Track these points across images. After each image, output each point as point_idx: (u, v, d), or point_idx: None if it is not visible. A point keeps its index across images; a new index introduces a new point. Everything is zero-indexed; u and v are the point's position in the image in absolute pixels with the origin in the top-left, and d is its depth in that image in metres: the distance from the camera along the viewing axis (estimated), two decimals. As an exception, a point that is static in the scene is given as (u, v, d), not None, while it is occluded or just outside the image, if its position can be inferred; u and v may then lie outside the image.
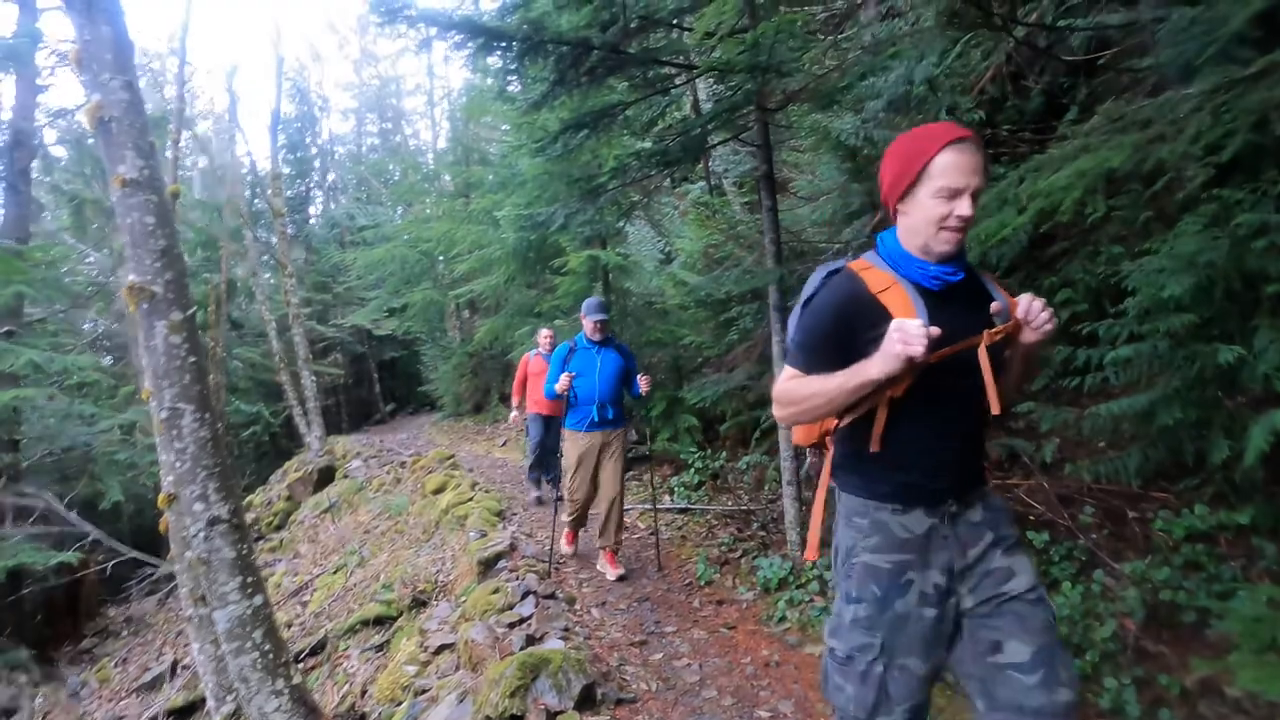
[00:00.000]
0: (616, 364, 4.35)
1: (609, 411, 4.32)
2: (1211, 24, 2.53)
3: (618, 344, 4.47)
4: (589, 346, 4.33)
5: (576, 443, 4.35)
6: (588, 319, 4.30)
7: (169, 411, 2.72)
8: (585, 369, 4.30)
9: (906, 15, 5.32)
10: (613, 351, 4.38)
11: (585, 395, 4.29)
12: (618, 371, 4.35)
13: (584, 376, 4.29)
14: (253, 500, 11.89)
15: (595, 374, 4.29)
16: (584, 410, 4.31)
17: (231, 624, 2.83)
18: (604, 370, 4.31)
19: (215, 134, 21.17)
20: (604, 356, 4.33)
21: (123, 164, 2.63)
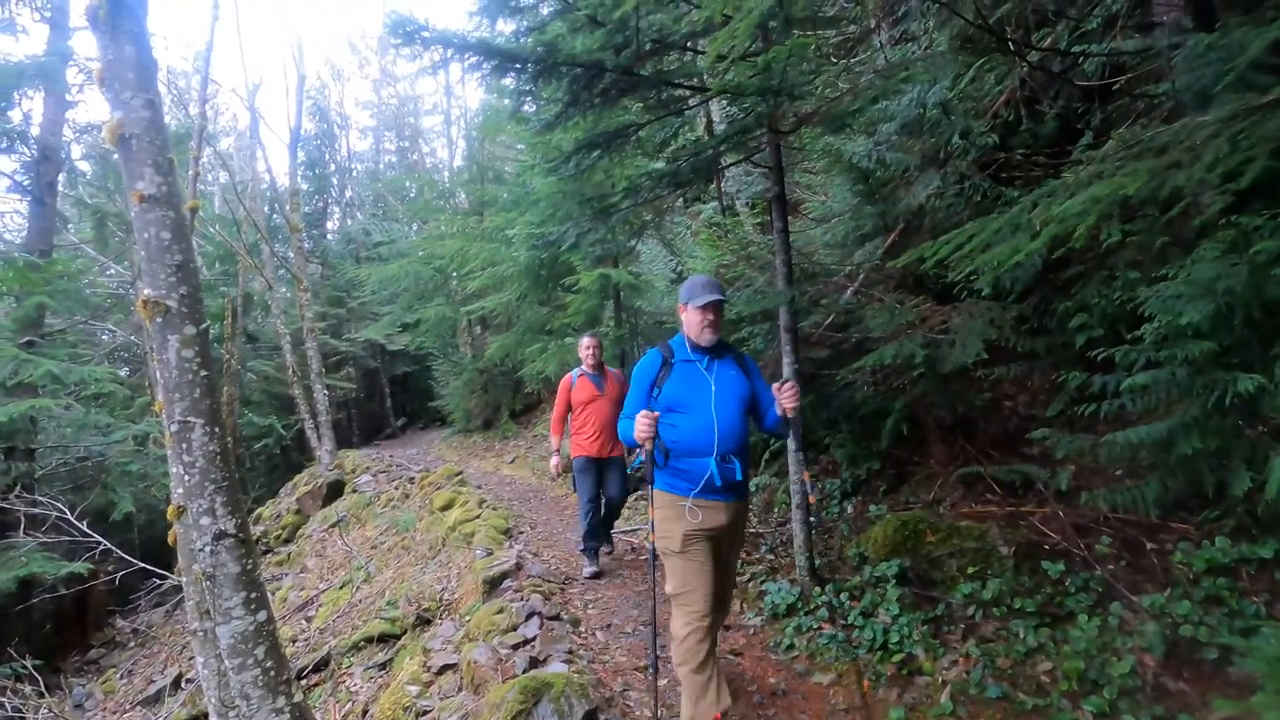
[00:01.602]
0: (739, 386, 2.65)
1: (734, 468, 2.55)
2: (1228, 51, 2.52)
3: (737, 352, 2.82)
4: (694, 357, 2.68)
5: (680, 519, 2.56)
6: (694, 307, 2.61)
7: (179, 425, 2.72)
8: (690, 395, 2.61)
9: (920, 39, 5.35)
10: (731, 364, 2.70)
11: (693, 440, 2.54)
12: (743, 397, 2.64)
13: (687, 409, 2.59)
14: (262, 513, 11.93)
15: (709, 403, 2.57)
16: (691, 467, 2.56)
17: (234, 639, 2.81)
18: (723, 396, 2.60)
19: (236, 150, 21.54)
20: (720, 373, 2.65)
21: (141, 180, 2.66)
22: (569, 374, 4.97)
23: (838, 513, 4.64)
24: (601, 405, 4.80)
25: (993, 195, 4.25)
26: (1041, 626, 2.91)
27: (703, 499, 2.57)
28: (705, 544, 2.58)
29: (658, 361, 2.74)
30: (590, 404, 4.81)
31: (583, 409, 4.83)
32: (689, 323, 2.68)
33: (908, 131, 4.75)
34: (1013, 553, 3.28)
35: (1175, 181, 1.61)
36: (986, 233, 2.21)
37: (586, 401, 4.81)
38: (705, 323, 2.63)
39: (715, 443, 2.55)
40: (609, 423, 4.71)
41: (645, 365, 2.75)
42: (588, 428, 4.79)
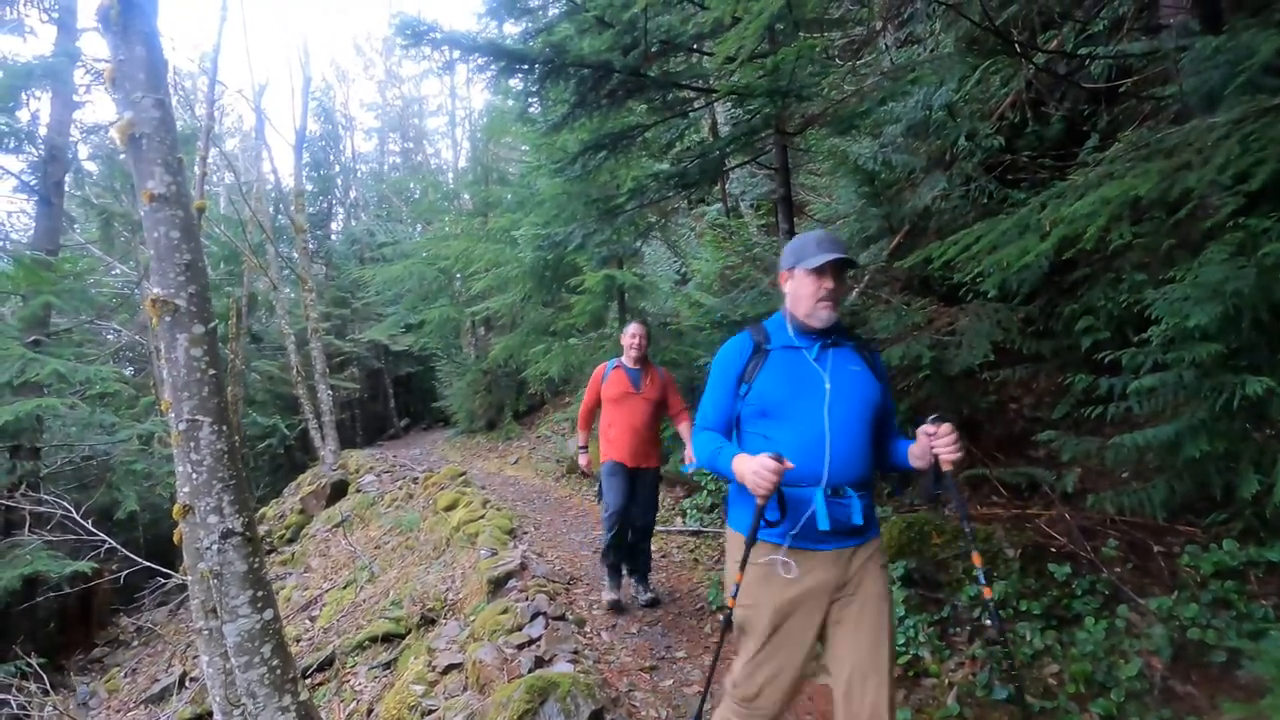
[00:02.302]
0: (866, 387, 1.92)
1: (850, 507, 1.83)
2: (1236, 53, 2.52)
3: (863, 341, 2.05)
4: (799, 342, 1.95)
5: (767, 581, 1.86)
6: (805, 271, 1.89)
7: (187, 423, 2.74)
8: (792, 396, 1.88)
9: (925, 42, 5.35)
10: (854, 356, 1.96)
11: (797, 460, 1.78)
12: (870, 403, 1.91)
13: (787, 416, 1.87)
14: (266, 513, 11.95)
15: (821, 407, 1.86)
16: (791, 501, 1.81)
17: (241, 638, 2.82)
18: (841, 398, 1.88)
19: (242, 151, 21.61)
20: (837, 366, 1.92)
21: (151, 179, 2.67)
22: (603, 364, 4.26)
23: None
24: (635, 407, 4.06)
25: (999, 197, 4.24)
26: (1049, 629, 2.90)
27: (802, 548, 1.80)
28: (808, 617, 1.81)
29: (747, 347, 1.97)
30: (621, 402, 4.08)
31: (613, 407, 4.12)
32: (797, 295, 1.92)
33: (913, 133, 4.76)
34: (1019, 555, 3.28)
35: (1186, 183, 1.61)
36: (994, 234, 2.21)
37: (618, 399, 4.09)
38: (822, 294, 1.84)
39: (826, 467, 1.77)
40: (643, 428, 4.07)
41: (729, 353, 2.01)
42: (615, 428, 4.10)
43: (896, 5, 5.27)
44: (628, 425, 4.07)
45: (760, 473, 1.68)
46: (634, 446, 4.06)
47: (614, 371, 4.18)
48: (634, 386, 4.11)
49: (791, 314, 1.97)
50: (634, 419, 4.07)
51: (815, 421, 1.82)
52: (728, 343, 2.06)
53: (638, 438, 4.07)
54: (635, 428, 4.07)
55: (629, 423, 4.07)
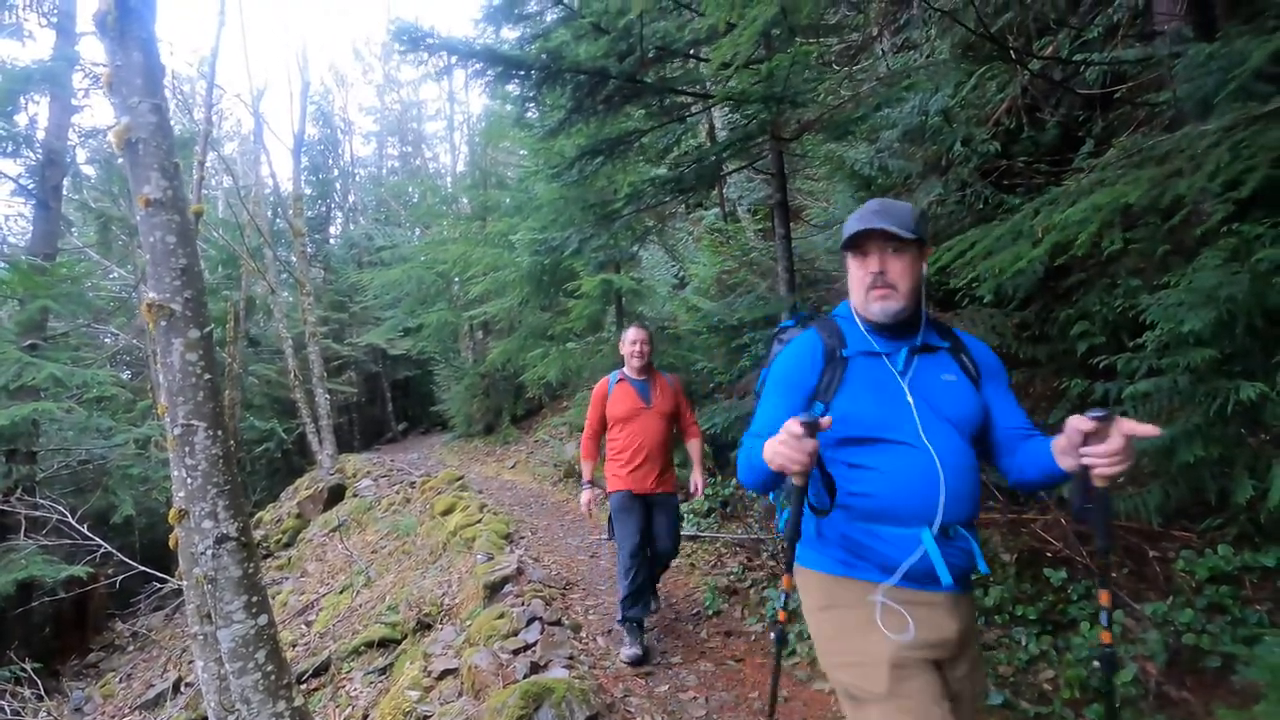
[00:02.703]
0: (961, 398, 1.56)
1: (969, 548, 1.51)
2: (1229, 60, 2.54)
3: (957, 336, 1.69)
4: (881, 346, 1.59)
5: (869, 629, 1.47)
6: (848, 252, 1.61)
7: (182, 428, 2.73)
8: (885, 415, 1.52)
9: (921, 48, 5.37)
10: (945, 360, 1.61)
11: (895, 496, 1.49)
12: (968, 418, 1.56)
13: (884, 440, 1.51)
14: (262, 517, 11.92)
15: (914, 428, 1.51)
16: (883, 541, 1.50)
17: (235, 643, 2.81)
18: (931, 416, 1.53)
19: (241, 155, 21.63)
20: (922, 374, 1.57)
21: (148, 184, 2.68)
22: (605, 379, 3.79)
23: (839, 519, 4.64)
24: (648, 423, 3.64)
25: (994, 202, 4.26)
26: (1044, 634, 2.90)
27: (910, 590, 1.45)
28: (930, 675, 1.43)
29: (817, 353, 1.56)
30: (632, 420, 3.64)
31: (621, 426, 3.65)
32: (850, 284, 1.59)
33: (909, 139, 4.77)
34: (1014, 560, 3.28)
35: (1177, 190, 1.62)
36: (989, 240, 2.22)
37: (627, 417, 3.64)
38: (868, 280, 1.50)
39: (940, 502, 1.42)
40: (658, 447, 3.63)
41: (795, 363, 1.58)
42: (627, 452, 3.61)
43: (892, 11, 5.29)
44: (640, 446, 3.60)
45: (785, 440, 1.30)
46: (649, 470, 3.60)
47: (619, 386, 3.71)
48: (643, 400, 3.67)
49: (857, 309, 1.60)
50: (647, 438, 3.61)
51: (919, 450, 1.45)
52: (790, 347, 1.65)
53: (653, 459, 3.61)
54: (649, 448, 3.60)
55: (641, 443, 3.60)
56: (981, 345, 1.68)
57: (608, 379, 3.78)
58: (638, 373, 3.73)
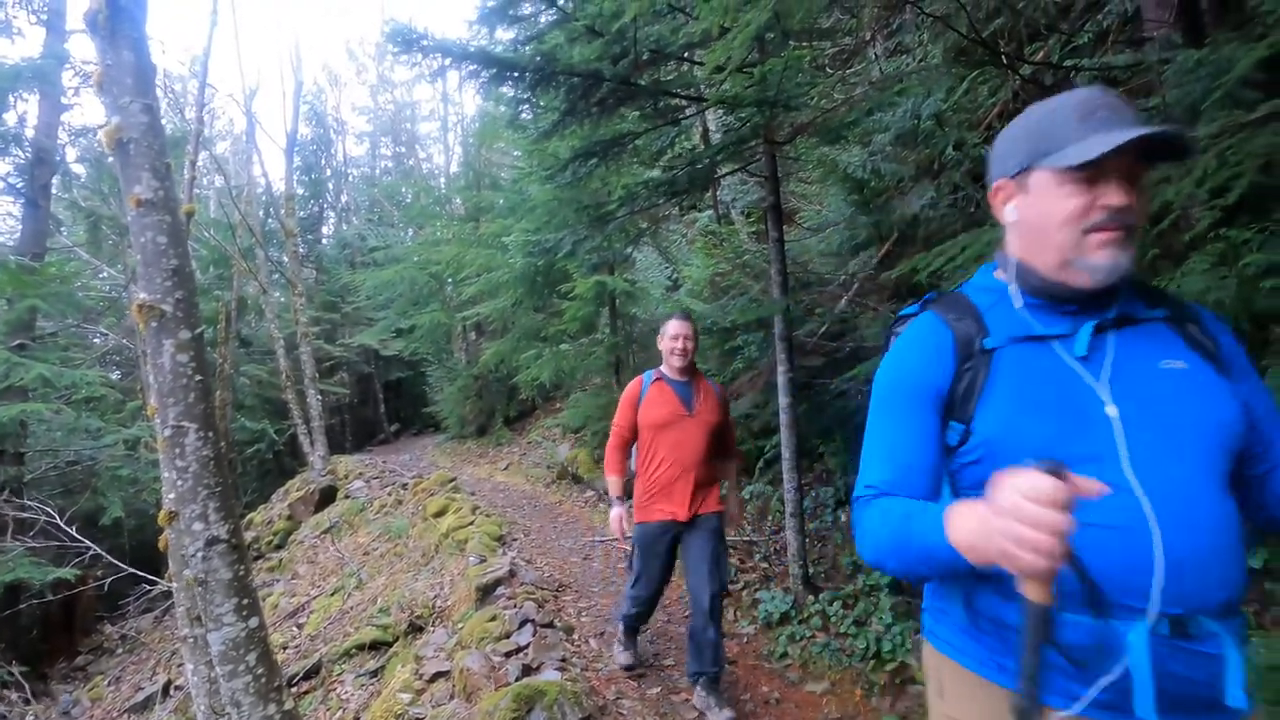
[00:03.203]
0: (1204, 394, 0.97)
1: (1215, 650, 0.88)
2: (1217, 67, 2.56)
3: (1180, 304, 1.06)
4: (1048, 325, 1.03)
5: None
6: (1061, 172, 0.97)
7: (173, 429, 2.72)
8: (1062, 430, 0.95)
9: (914, 52, 5.40)
10: (1167, 333, 1.02)
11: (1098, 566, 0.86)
12: (1227, 427, 0.96)
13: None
14: (253, 518, 11.86)
15: (1116, 451, 0.93)
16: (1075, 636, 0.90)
17: (226, 646, 2.79)
18: (1150, 430, 0.94)
19: (233, 154, 21.53)
20: (1128, 361, 0.98)
21: (139, 184, 2.66)
22: (637, 379, 3.23)
23: (831, 521, 4.66)
24: (690, 433, 3.05)
25: (986, 206, 4.28)
26: (1034, 636, 2.91)
27: None
28: None
29: (946, 347, 1.08)
30: (670, 428, 3.05)
31: (657, 436, 3.07)
32: (1038, 225, 1.02)
33: (902, 142, 4.80)
34: None
35: (1164, 196, 1.64)
36: (979, 244, 2.23)
37: (663, 423, 3.06)
38: (1096, 216, 0.96)
39: (1158, 578, 0.89)
40: (700, 462, 3.04)
41: (915, 361, 1.11)
42: (664, 469, 3.05)
43: (885, 16, 5.32)
44: (678, 459, 3.03)
45: (1030, 515, 0.74)
46: (691, 489, 3.02)
47: (654, 386, 3.14)
48: (685, 406, 3.08)
49: (1025, 267, 1.05)
50: (688, 450, 3.03)
51: (1118, 486, 0.90)
52: (904, 338, 1.15)
53: (694, 476, 3.03)
54: (691, 462, 3.03)
55: (680, 456, 3.03)
56: (1214, 317, 1.08)
57: (640, 379, 3.20)
58: (679, 373, 3.14)
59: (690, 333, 3.11)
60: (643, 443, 3.15)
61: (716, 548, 2.99)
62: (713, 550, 2.98)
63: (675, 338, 3.10)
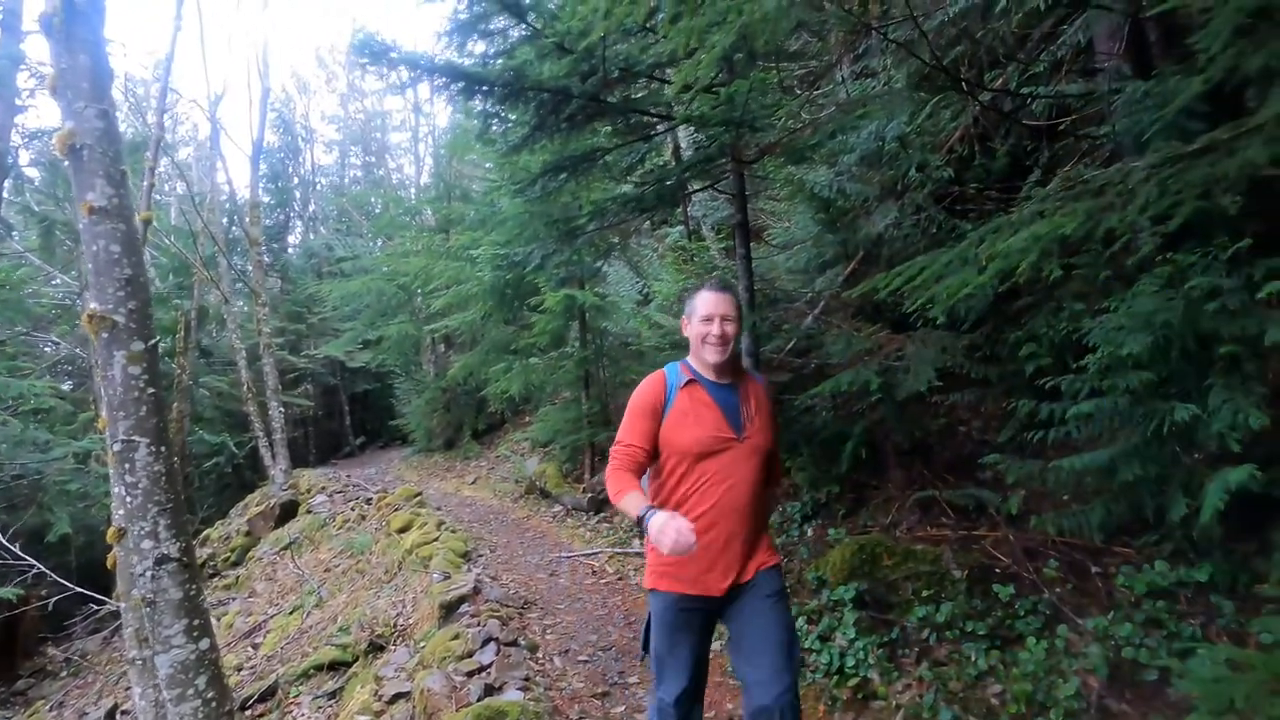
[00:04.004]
0: None
1: None
2: (1163, 97, 2.67)
3: None
4: None
5: None
6: None
7: (122, 444, 2.63)
8: None
9: (880, 75, 5.53)
10: None
11: None
12: None
13: None
14: (210, 534, 11.52)
15: None
16: None
17: (174, 669, 2.70)
18: None
19: (196, 160, 21.12)
20: None
21: (92, 191, 2.60)
22: (656, 376, 2.17)
23: (798, 536, 4.68)
24: (738, 465, 2.06)
25: (947, 227, 4.38)
26: (992, 649, 2.96)
27: None
28: None
29: None
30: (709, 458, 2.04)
31: (687, 468, 2.06)
32: None
33: (867, 163, 4.89)
34: (965, 576, 3.35)
35: (1109, 223, 1.70)
36: (937, 265, 2.29)
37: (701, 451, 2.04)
38: None
39: None
40: (751, 503, 2.06)
41: None
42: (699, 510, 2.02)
43: (851, 40, 5.44)
44: (725, 506, 2.01)
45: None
46: (741, 551, 2.04)
47: (685, 391, 2.09)
48: (732, 425, 2.06)
49: None
50: (738, 493, 2.03)
51: None
52: None
53: (745, 530, 2.04)
54: (741, 510, 2.03)
55: (728, 501, 2.01)
56: None
57: (661, 377, 2.13)
58: (718, 372, 2.09)
59: (732, 311, 2.06)
60: (667, 474, 2.07)
61: (785, 618, 2.02)
62: (781, 623, 2.00)
63: (709, 319, 2.04)
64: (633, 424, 2.09)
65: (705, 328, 2.07)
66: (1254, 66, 1.78)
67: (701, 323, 2.09)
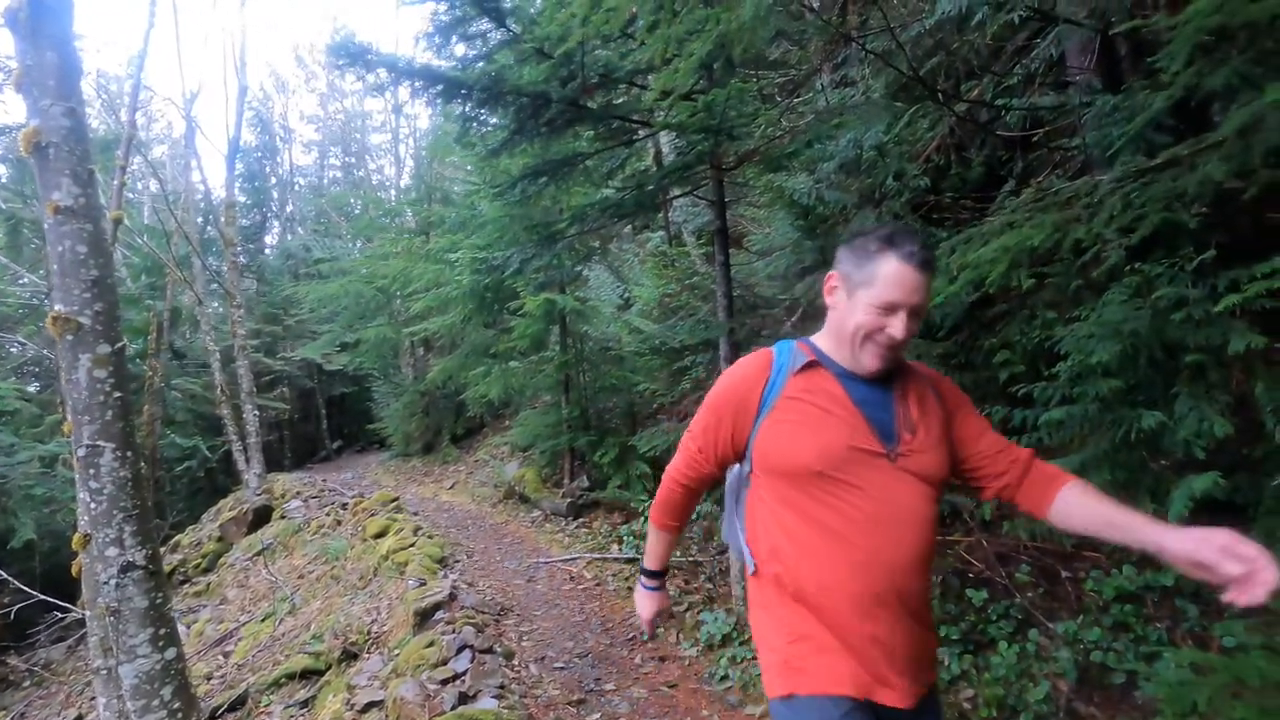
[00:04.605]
0: None
1: None
2: (1131, 111, 2.73)
3: None
4: None
5: None
6: None
7: (87, 449, 2.58)
8: None
9: (858, 85, 5.60)
10: None
11: None
12: None
13: None
14: (180, 540, 11.29)
15: None
16: None
17: (139, 679, 2.64)
18: None
19: (170, 159, 20.76)
20: None
21: (58, 190, 2.54)
22: (759, 355, 1.44)
23: (775, 541, 4.70)
24: (888, 489, 1.29)
25: (924, 236, 4.44)
26: (965, 654, 2.99)
27: None
28: None
29: None
30: (841, 483, 1.29)
31: (798, 491, 1.32)
32: None
33: (846, 171, 4.94)
34: (940, 582, 3.38)
35: (1076, 234, 1.73)
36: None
37: (822, 464, 1.29)
38: None
39: None
40: (914, 564, 1.29)
41: None
42: (825, 567, 1.29)
43: (831, 49, 5.50)
44: (871, 563, 1.27)
45: None
46: (895, 639, 1.28)
47: (802, 377, 1.37)
48: (880, 436, 1.32)
49: None
50: (892, 535, 1.28)
51: None
52: None
53: (902, 607, 1.30)
54: (898, 562, 1.28)
55: (878, 547, 1.27)
56: None
57: (766, 356, 1.44)
58: (881, 360, 1.33)
59: (926, 301, 1.33)
60: (762, 507, 1.40)
61: None
62: None
63: (891, 307, 1.27)
64: (705, 420, 1.44)
65: (880, 319, 1.26)
66: (1216, 84, 1.82)
67: (877, 310, 1.26)
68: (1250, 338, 2.08)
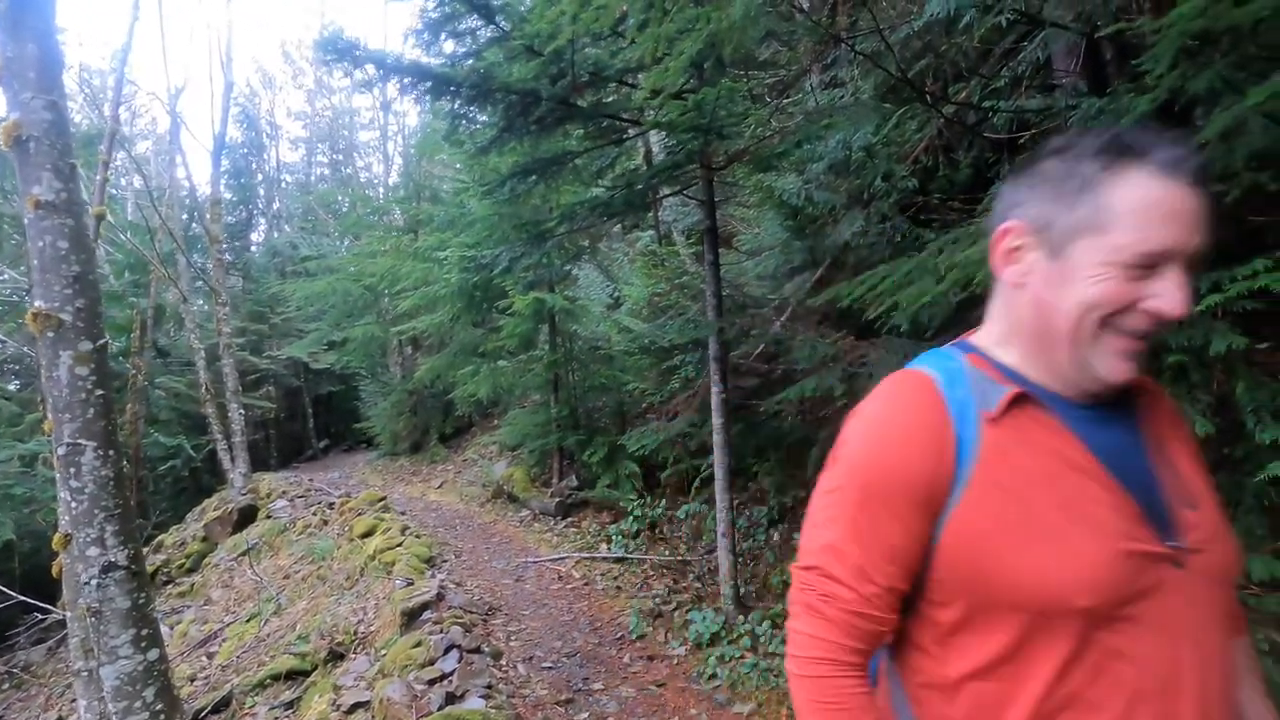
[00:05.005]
0: None
1: None
2: (1116, 114, 2.76)
3: None
4: None
5: None
6: None
7: (68, 447, 2.54)
8: None
9: (848, 85, 5.62)
10: None
11: None
12: None
13: None
14: (164, 540, 11.17)
15: None
16: None
17: (121, 681, 2.61)
18: None
19: (154, 155, 20.53)
20: None
21: (38, 185, 2.51)
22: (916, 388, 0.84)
23: (764, 540, 4.71)
24: (1181, 614, 0.74)
25: (912, 236, 4.47)
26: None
27: None
28: None
29: None
30: (1124, 620, 0.72)
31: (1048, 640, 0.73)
32: None
33: (835, 172, 4.97)
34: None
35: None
36: (898, 275, 2.33)
37: (1100, 596, 0.71)
38: None
39: None
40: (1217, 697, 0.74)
41: None
42: None
43: (820, 50, 5.52)
44: None
45: None
46: None
47: (1009, 426, 0.79)
48: (1150, 515, 0.76)
49: None
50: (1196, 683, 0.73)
51: None
52: None
53: None
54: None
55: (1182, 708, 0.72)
56: None
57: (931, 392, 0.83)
58: (1132, 356, 0.77)
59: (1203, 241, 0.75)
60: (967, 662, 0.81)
61: None
62: None
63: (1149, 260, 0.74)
64: (857, 525, 0.86)
65: (1132, 287, 0.75)
66: (1199, 87, 1.84)
67: (1125, 270, 0.75)
68: (1232, 338, 2.11)
